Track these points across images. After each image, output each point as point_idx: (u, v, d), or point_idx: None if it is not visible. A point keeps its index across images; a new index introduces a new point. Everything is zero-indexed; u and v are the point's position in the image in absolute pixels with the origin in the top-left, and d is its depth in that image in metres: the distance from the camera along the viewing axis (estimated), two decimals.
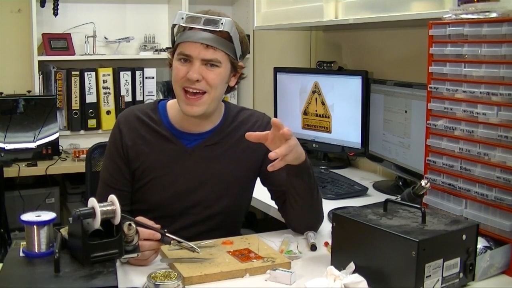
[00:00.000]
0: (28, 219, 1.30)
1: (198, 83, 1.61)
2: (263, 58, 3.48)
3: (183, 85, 1.63)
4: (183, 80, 1.63)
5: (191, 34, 1.61)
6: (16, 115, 2.99)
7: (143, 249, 1.43)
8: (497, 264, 1.45)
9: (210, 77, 1.62)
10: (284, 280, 1.39)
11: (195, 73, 1.60)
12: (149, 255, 1.47)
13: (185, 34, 1.63)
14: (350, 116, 2.69)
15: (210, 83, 1.63)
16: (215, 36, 1.61)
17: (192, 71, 1.61)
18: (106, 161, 1.78)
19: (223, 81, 1.67)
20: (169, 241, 1.47)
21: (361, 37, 2.92)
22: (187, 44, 1.61)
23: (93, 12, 3.36)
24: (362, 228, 1.38)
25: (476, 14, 1.55)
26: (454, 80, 1.61)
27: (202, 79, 1.62)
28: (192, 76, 1.60)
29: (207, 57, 1.61)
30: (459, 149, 1.59)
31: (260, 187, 1.85)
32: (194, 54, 1.61)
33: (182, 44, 1.63)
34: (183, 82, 1.63)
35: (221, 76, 1.65)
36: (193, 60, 1.61)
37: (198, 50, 1.60)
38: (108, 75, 3.29)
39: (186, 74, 1.61)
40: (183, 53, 1.62)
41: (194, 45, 1.60)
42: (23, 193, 2.96)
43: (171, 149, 1.73)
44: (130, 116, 1.76)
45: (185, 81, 1.62)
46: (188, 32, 1.62)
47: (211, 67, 1.62)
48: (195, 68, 1.61)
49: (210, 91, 1.63)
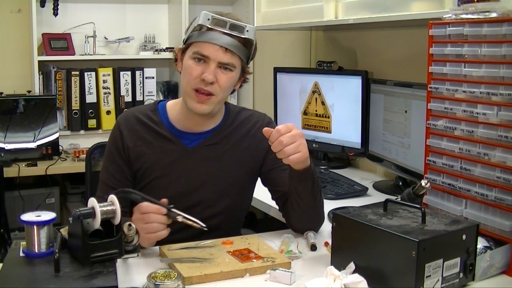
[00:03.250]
0: (28, 219, 1.30)
1: (211, 85, 1.62)
2: (263, 58, 3.46)
3: (196, 86, 1.63)
4: (196, 81, 1.62)
5: (213, 35, 1.60)
6: (16, 115, 2.99)
7: (150, 221, 1.45)
8: (497, 264, 1.45)
9: (223, 80, 1.62)
10: (284, 280, 1.39)
11: (211, 75, 1.60)
12: (157, 228, 1.48)
13: (205, 34, 1.61)
14: (350, 116, 2.69)
15: (222, 86, 1.63)
16: (236, 41, 1.61)
17: (207, 73, 1.60)
18: (107, 162, 1.77)
19: (232, 85, 1.69)
20: (175, 216, 1.48)
21: (361, 37, 2.92)
22: (207, 44, 1.61)
23: (93, 12, 3.36)
24: (362, 228, 1.38)
25: (476, 14, 1.55)
26: (454, 80, 1.61)
27: (216, 82, 1.62)
28: (208, 77, 1.60)
29: (224, 60, 1.61)
30: (459, 149, 1.59)
31: (260, 187, 1.85)
32: (212, 56, 1.60)
33: (199, 43, 1.62)
34: (197, 82, 1.62)
35: (232, 80, 1.66)
36: (209, 62, 1.61)
37: (217, 53, 1.60)
38: (108, 75, 3.29)
39: (201, 75, 1.61)
40: (200, 52, 1.61)
41: (213, 47, 1.60)
42: (23, 193, 2.96)
43: (172, 149, 1.73)
44: (130, 118, 1.76)
45: (199, 82, 1.62)
46: (209, 32, 1.61)
47: (225, 71, 1.63)
48: (210, 70, 1.61)
49: (219, 93, 1.64)
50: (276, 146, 1.51)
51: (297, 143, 1.52)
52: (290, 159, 1.52)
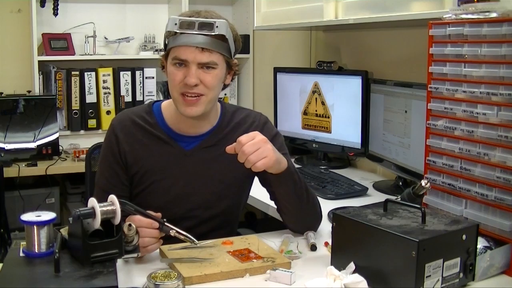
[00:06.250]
0: (28, 219, 1.30)
1: (196, 87, 1.60)
2: (263, 58, 3.48)
3: (181, 90, 1.61)
4: (181, 85, 1.61)
5: (185, 38, 1.58)
6: (16, 115, 2.99)
7: (142, 235, 1.43)
8: (497, 264, 1.45)
9: (207, 79, 1.61)
10: (284, 280, 1.39)
11: (193, 78, 1.58)
12: (149, 242, 1.47)
13: (178, 38, 1.59)
14: (350, 116, 2.69)
15: (208, 85, 1.61)
16: (209, 38, 1.58)
17: (189, 76, 1.59)
18: (102, 167, 1.75)
19: (220, 82, 1.67)
20: (168, 230, 1.47)
21: (361, 37, 2.92)
22: (182, 48, 1.59)
23: (93, 12, 3.36)
24: (362, 228, 1.38)
25: (476, 14, 1.55)
26: (454, 80, 1.61)
27: (200, 82, 1.60)
28: (190, 81, 1.58)
29: (203, 60, 1.59)
30: (459, 149, 1.59)
31: (260, 187, 1.85)
32: (190, 58, 1.58)
33: (176, 48, 1.60)
34: (181, 87, 1.61)
35: (218, 78, 1.64)
36: (189, 65, 1.59)
37: (194, 54, 1.58)
38: (108, 75, 3.29)
39: (184, 79, 1.60)
40: (178, 57, 1.60)
41: (189, 49, 1.58)
42: (23, 193, 2.96)
43: (169, 152, 1.72)
44: (125, 121, 1.74)
45: (183, 86, 1.61)
46: (182, 36, 1.59)
47: (207, 70, 1.61)
48: (192, 73, 1.59)
49: (208, 93, 1.62)
50: (241, 157, 1.50)
51: (261, 149, 1.51)
52: (257, 166, 1.50)
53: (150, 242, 1.47)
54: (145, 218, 1.46)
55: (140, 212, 1.45)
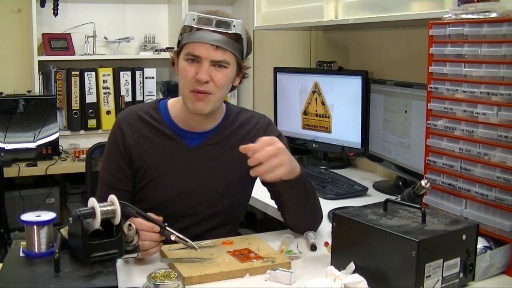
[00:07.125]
0: (28, 219, 1.30)
1: (206, 84, 1.61)
2: (263, 58, 3.47)
3: (192, 87, 1.62)
4: (192, 82, 1.62)
5: (201, 34, 1.60)
6: (16, 115, 2.99)
7: (142, 239, 1.43)
8: (497, 264, 1.45)
9: (217, 77, 1.62)
10: (284, 280, 1.39)
11: (204, 74, 1.60)
12: (149, 246, 1.47)
13: (194, 34, 1.61)
14: (350, 116, 2.69)
15: (218, 83, 1.62)
16: (225, 37, 1.61)
17: (201, 72, 1.60)
18: (106, 161, 1.76)
19: (229, 82, 1.68)
20: (169, 235, 1.46)
21: (361, 37, 2.92)
22: (197, 44, 1.61)
23: (93, 12, 3.36)
24: (362, 228, 1.38)
25: (476, 14, 1.55)
26: (454, 80, 1.61)
27: (211, 80, 1.62)
28: (202, 77, 1.60)
29: (216, 58, 1.61)
30: (459, 149, 1.59)
31: (260, 187, 1.85)
32: (204, 55, 1.60)
33: (190, 44, 1.62)
34: (192, 84, 1.62)
35: (228, 77, 1.65)
36: (201, 61, 1.61)
37: (208, 51, 1.60)
38: (108, 75, 3.29)
39: (195, 75, 1.61)
40: (191, 53, 1.62)
41: (203, 46, 1.60)
42: (23, 193, 2.96)
43: (174, 148, 1.73)
44: (131, 116, 1.75)
45: (194, 83, 1.62)
46: (198, 32, 1.61)
47: (219, 68, 1.62)
48: (204, 69, 1.60)
49: (216, 92, 1.64)
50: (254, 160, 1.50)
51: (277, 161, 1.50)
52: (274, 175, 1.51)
53: (150, 245, 1.47)
54: (146, 222, 1.46)
55: (141, 215, 1.44)
